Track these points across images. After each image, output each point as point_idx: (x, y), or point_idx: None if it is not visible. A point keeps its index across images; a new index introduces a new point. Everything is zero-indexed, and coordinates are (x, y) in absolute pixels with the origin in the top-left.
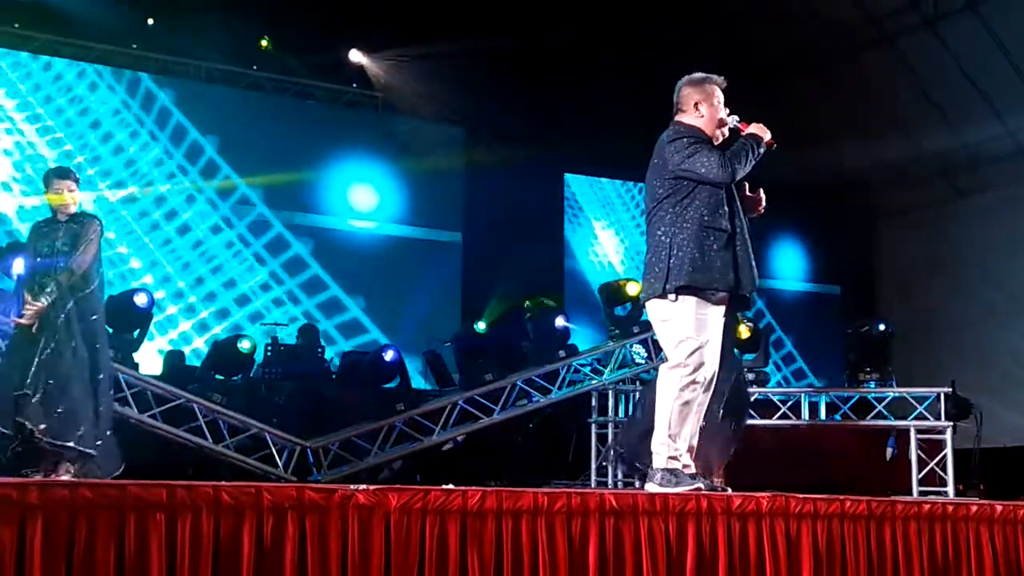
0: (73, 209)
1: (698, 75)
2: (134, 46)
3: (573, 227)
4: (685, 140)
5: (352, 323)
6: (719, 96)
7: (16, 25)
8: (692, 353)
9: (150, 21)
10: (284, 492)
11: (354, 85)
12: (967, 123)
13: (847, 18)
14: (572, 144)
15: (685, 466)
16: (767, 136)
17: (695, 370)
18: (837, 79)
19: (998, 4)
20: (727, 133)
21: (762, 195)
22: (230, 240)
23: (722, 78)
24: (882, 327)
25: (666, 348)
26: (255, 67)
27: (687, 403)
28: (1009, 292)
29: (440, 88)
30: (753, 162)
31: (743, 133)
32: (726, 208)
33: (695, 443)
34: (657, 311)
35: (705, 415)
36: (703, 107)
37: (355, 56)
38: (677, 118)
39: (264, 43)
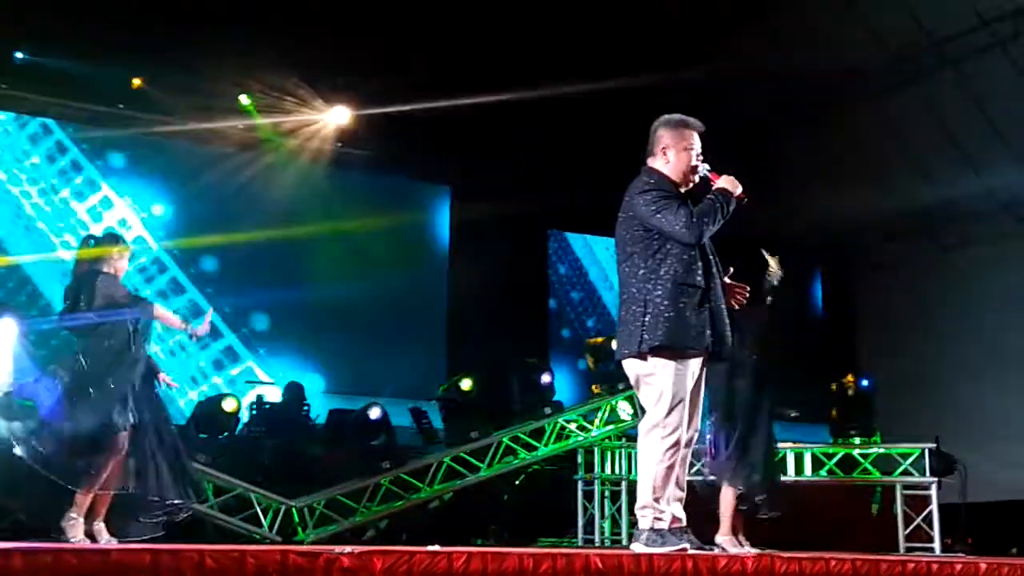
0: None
1: (675, 117)
2: (120, 106)
3: (561, 281)
4: (653, 194)
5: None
6: (693, 141)
7: (4, 86)
8: (671, 411)
9: (136, 82)
10: (268, 556)
11: (339, 144)
12: (949, 180)
13: (830, 74)
14: (555, 200)
15: (675, 519)
16: (738, 190)
17: (674, 430)
18: (819, 135)
19: (978, 63)
20: (697, 180)
21: (746, 289)
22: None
23: (699, 122)
24: (865, 383)
25: (646, 405)
26: (237, 126)
27: (671, 467)
28: (991, 347)
29: (425, 147)
30: (723, 220)
31: (713, 185)
32: (699, 263)
33: (682, 493)
34: (634, 368)
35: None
36: (671, 153)
37: (338, 114)
38: (647, 162)
39: (244, 101)
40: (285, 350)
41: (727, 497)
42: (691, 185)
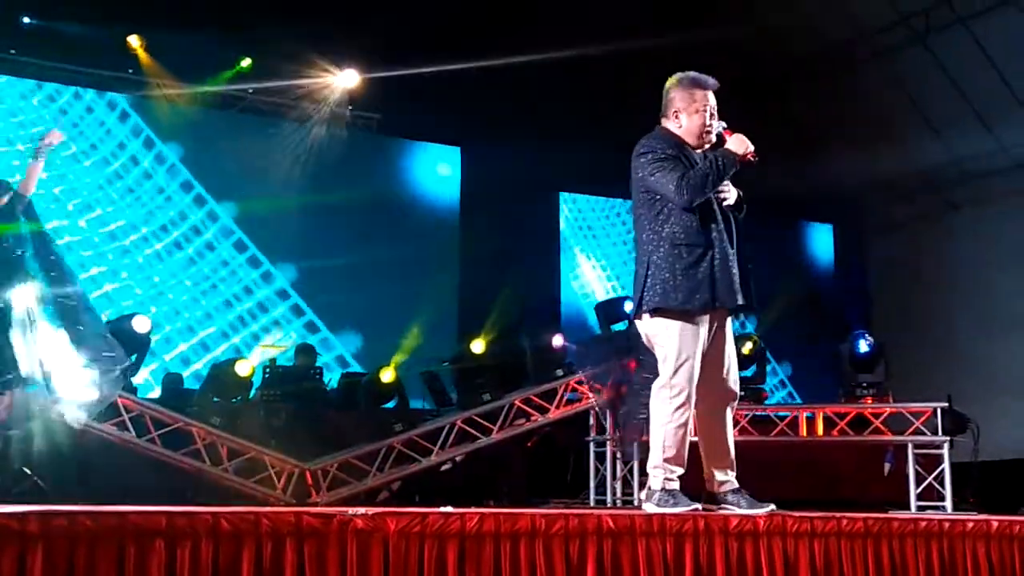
0: None
1: (688, 77)
2: (130, 71)
3: (571, 246)
4: (649, 156)
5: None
6: (707, 101)
7: (12, 51)
8: (677, 371)
9: (135, 42)
10: (282, 517)
11: (349, 108)
12: (959, 137)
13: (840, 33)
14: (567, 163)
15: (707, 477)
16: (747, 150)
17: (682, 390)
18: (829, 94)
19: (988, 20)
20: (714, 139)
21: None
22: (223, 263)
23: (713, 80)
24: (868, 341)
25: (658, 365)
26: (250, 90)
27: (681, 426)
28: (1004, 305)
29: (436, 109)
30: (719, 183)
31: (725, 143)
32: (699, 222)
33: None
34: (644, 328)
35: None
36: (683, 116)
37: (348, 77)
38: (661, 122)
39: (245, 63)
40: (294, 315)
41: None
42: (708, 145)
